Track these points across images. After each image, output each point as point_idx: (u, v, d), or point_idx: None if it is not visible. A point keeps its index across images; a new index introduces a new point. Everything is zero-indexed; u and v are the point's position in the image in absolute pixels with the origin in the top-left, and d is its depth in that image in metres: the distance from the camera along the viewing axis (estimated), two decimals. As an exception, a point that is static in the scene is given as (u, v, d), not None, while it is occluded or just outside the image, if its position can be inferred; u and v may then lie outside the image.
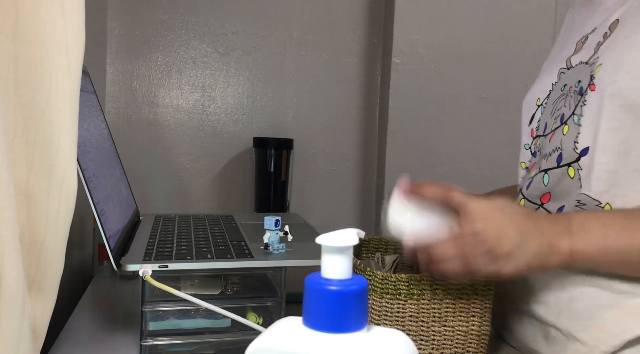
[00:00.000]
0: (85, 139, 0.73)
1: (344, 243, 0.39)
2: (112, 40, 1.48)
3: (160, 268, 0.68)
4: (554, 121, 0.74)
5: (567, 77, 0.75)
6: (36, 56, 0.45)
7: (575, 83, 0.72)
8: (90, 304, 0.95)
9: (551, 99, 0.77)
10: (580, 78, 0.71)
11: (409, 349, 0.40)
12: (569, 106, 0.71)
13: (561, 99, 0.74)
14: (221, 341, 0.74)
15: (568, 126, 0.70)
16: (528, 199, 0.76)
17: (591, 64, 0.70)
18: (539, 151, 0.76)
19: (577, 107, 0.69)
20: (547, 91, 0.79)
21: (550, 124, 0.74)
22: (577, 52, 0.75)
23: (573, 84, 0.72)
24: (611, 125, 0.65)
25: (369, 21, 1.62)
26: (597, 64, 0.68)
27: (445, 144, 1.55)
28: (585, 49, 0.74)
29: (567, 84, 0.74)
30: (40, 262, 0.48)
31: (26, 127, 0.46)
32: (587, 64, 0.71)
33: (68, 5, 0.47)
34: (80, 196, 0.56)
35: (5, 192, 0.39)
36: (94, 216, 0.67)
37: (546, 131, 0.75)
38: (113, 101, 1.49)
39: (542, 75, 0.82)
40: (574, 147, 0.68)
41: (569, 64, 0.76)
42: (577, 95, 0.70)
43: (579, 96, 0.70)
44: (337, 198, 1.63)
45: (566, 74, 0.76)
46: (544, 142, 0.75)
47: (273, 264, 0.74)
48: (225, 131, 1.56)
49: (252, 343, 0.40)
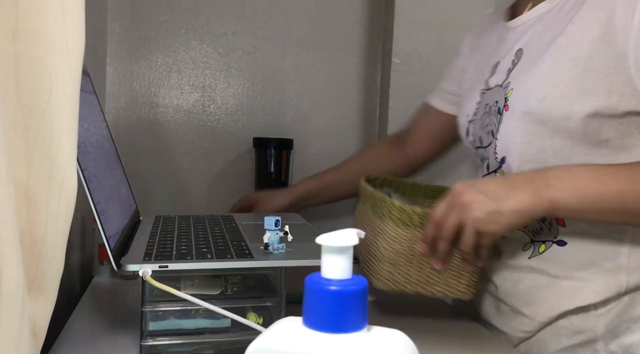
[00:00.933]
0: (85, 139, 0.73)
1: (344, 243, 0.39)
2: (112, 40, 1.48)
3: (160, 268, 0.68)
4: (487, 135, 0.88)
5: (487, 97, 0.90)
6: (36, 56, 0.45)
7: (494, 103, 0.87)
8: (90, 304, 0.95)
9: (478, 115, 0.91)
10: (497, 99, 0.86)
11: (409, 349, 0.40)
12: (493, 124, 0.86)
13: (486, 116, 0.89)
14: (221, 341, 0.74)
15: (495, 140, 0.85)
16: None
17: (504, 87, 0.85)
18: (486, 159, 0.90)
19: (498, 124, 0.84)
20: (473, 108, 0.93)
21: (485, 138, 0.89)
22: (492, 75, 0.90)
23: (492, 103, 0.87)
24: (527, 138, 0.78)
25: (369, 21, 1.62)
26: (509, 88, 0.83)
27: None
28: (499, 73, 0.88)
29: (488, 103, 0.89)
30: (40, 262, 0.48)
31: (26, 127, 0.46)
32: (502, 87, 0.86)
33: (68, 5, 0.47)
34: (80, 196, 0.56)
35: (5, 192, 0.39)
36: (94, 216, 0.67)
37: (483, 143, 0.90)
38: (113, 101, 1.49)
39: (468, 95, 0.96)
40: (495, 157, 0.85)
41: (487, 85, 0.91)
42: (497, 113, 0.85)
43: (498, 114, 0.85)
44: (337, 198, 1.63)
45: (486, 94, 0.90)
46: (485, 153, 0.89)
47: (273, 264, 0.74)
48: (225, 131, 1.56)
49: (252, 343, 0.40)
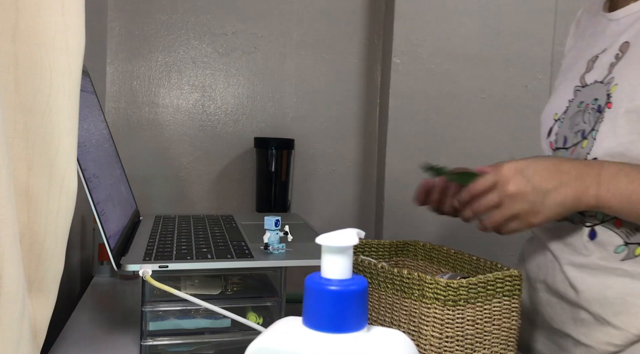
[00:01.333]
0: (85, 139, 0.73)
1: (344, 243, 0.39)
2: (112, 40, 1.48)
3: (160, 268, 0.68)
4: (574, 135, 0.82)
5: (583, 95, 0.82)
6: (36, 56, 0.45)
7: (592, 100, 0.80)
8: (90, 304, 0.95)
9: (568, 114, 0.84)
10: (596, 96, 0.79)
11: (409, 349, 0.40)
12: (589, 122, 0.79)
13: (579, 115, 0.82)
14: (221, 341, 0.74)
15: (587, 140, 0.78)
16: None
17: (606, 83, 0.77)
18: None
19: (596, 124, 0.77)
20: (564, 107, 0.86)
21: (571, 138, 0.82)
22: (589, 71, 0.83)
23: (590, 101, 0.80)
24: (629, 138, 0.72)
25: (369, 21, 1.62)
26: (613, 83, 0.76)
27: (445, 144, 1.55)
28: (598, 68, 0.81)
29: (584, 101, 0.81)
30: (40, 262, 0.48)
31: (26, 127, 0.46)
32: (602, 83, 0.78)
33: (68, 5, 0.47)
34: (80, 196, 0.56)
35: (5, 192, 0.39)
36: (94, 216, 0.67)
37: (567, 144, 0.83)
38: (113, 101, 1.49)
39: (557, 91, 0.90)
40: (586, 157, 0.77)
41: (583, 82, 0.83)
42: (595, 112, 0.78)
43: (598, 113, 0.77)
44: (337, 198, 1.63)
45: (582, 91, 0.83)
46: (565, 154, 0.83)
47: (273, 264, 0.74)
48: (225, 131, 1.56)
49: (252, 343, 0.40)
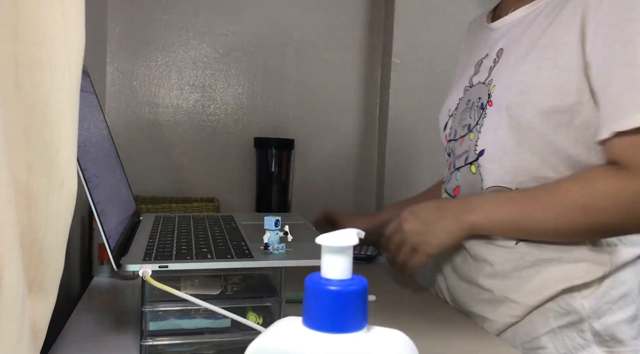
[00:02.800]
0: (85, 139, 0.73)
1: (344, 243, 0.39)
2: (112, 40, 1.48)
3: (160, 268, 0.68)
4: (462, 128, 0.95)
5: (470, 94, 0.96)
6: (36, 56, 0.45)
7: (476, 99, 0.93)
8: (90, 304, 0.95)
9: (459, 110, 0.99)
10: (480, 95, 0.92)
11: (409, 349, 0.40)
12: (474, 118, 0.92)
13: (466, 111, 0.96)
14: (221, 341, 0.74)
15: (473, 133, 0.92)
16: (447, 193, 1.00)
17: (487, 84, 0.91)
18: (452, 153, 0.98)
19: (480, 119, 0.90)
20: (455, 104, 1.01)
21: (460, 131, 0.96)
22: (476, 74, 0.97)
23: (475, 99, 0.94)
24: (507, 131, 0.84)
25: (369, 21, 1.62)
26: (492, 84, 0.89)
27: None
28: (482, 71, 0.95)
29: (471, 99, 0.95)
30: (40, 262, 0.48)
31: (26, 127, 0.46)
32: (484, 84, 0.92)
33: (68, 5, 0.47)
34: (80, 196, 0.56)
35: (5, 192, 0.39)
36: (94, 216, 0.67)
37: (456, 136, 0.97)
38: (113, 101, 1.49)
39: (452, 91, 1.04)
40: (475, 149, 0.90)
41: (471, 83, 0.97)
42: (479, 109, 0.92)
43: (481, 110, 0.91)
44: (337, 198, 1.63)
45: (469, 91, 0.97)
46: (455, 145, 0.97)
47: (273, 264, 0.74)
48: (225, 131, 1.56)
49: (252, 343, 0.40)
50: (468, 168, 0.92)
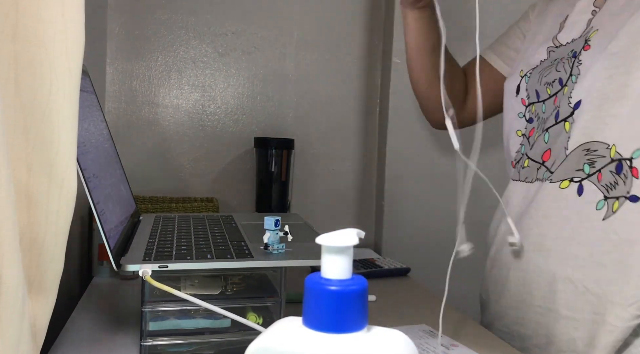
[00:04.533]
0: (85, 139, 0.73)
1: (344, 243, 0.39)
2: (112, 40, 1.48)
3: (160, 268, 0.68)
4: (547, 86, 0.80)
5: (558, 54, 0.81)
6: (36, 56, 0.45)
7: (567, 53, 0.79)
8: (90, 304, 0.95)
9: (537, 70, 0.84)
10: (573, 48, 0.78)
11: (409, 349, 0.40)
12: (565, 70, 0.77)
13: (549, 69, 0.81)
14: (221, 341, 0.74)
15: (567, 87, 0.76)
16: (532, 159, 0.83)
17: (584, 35, 0.77)
18: (536, 117, 0.83)
19: (574, 68, 0.76)
20: (533, 65, 0.85)
21: (543, 91, 0.81)
22: (562, 31, 0.83)
23: (566, 54, 0.79)
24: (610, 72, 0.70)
25: (369, 21, 1.62)
26: (593, 30, 0.75)
27: (446, 144, 1.55)
28: (571, 26, 0.81)
29: (558, 58, 0.81)
30: (40, 262, 0.48)
31: (26, 127, 0.46)
32: (581, 38, 0.78)
33: (68, 5, 0.47)
34: (80, 196, 0.56)
35: (5, 192, 0.39)
36: (94, 216, 0.67)
37: (540, 97, 0.82)
38: (113, 101, 1.49)
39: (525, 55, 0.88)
40: (568, 102, 0.75)
41: (557, 42, 0.83)
42: (570, 58, 0.77)
43: (573, 58, 0.77)
44: (337, 198, 1.63)
45: (556, 51, 0.82)
46: (541, 107, 0.81)
47: (273, 264, 0.74)
48: (225, 131, 1.56)
49: (252, 343, 0.40)
50: (561, 126, 0.76)
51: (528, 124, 0.85)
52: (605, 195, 0.71)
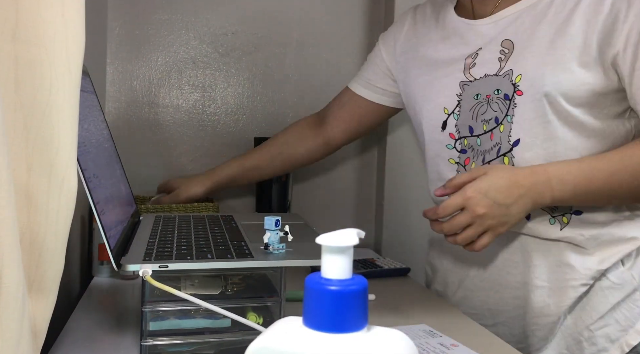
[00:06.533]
0: (85, 139, 0.73)
1: (344, 243, 0.39)
2: (112, 40, 1.48)
3: (160, 268, 0.68)
4: (484, 123, 0.94)
5: (476, 88, 0.95)
6: (36, 56, 0.45)
7: (493, 91, 0.92)
8: (90, 304, 0.95)
9: (464, 107, 0.96)
10: (498, 87, 0.92)
11: (409, 349, 0.40)
12: (501, 110, 0.92)
13: (481, 105, 0.94)
14: (221, 341, 0.74)
15: (503, 125, 0.91)
16: None
17: (504, 75, 0.91)
18: (470, 148, 0.96)
19: (510, 109, 0.90)
20: (454, 101, 0.97)
21: (479, 127, 0.94)
22: (471, 67, 0.95)
23: (491, 92, 0.93)
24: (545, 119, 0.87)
25: (369, 21, 1.62)
26: (515, 74, 0.89)
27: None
28: (483, 64, 0.94)
29: (481, 93, 0.94)
30: (40, 262, 0.48)
31: (26, 127, 0.46)
32: (499, 76, 0.92)
33: (68, 5, 0.47)
34: (80, 196, 0.56)
35: (5, 192, 0.39)
36: (94, 216, 0.67)
37: (474, 132, 0.95)
38: (113, 101, 1.49)
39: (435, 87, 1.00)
40: (508, 140, 0.91)
41: (471, 77, 0.95)
42: (504, 100, 0.91)
43: (507, 101, 0.91)
44: (337, 198, 1.63)
45: (471, 85, 0.95)
46: (475, 141, 0.95)
47: (273, 264, 0.74)
48: (225, 131, 1.56)
49: (252, 343, 0.40)
50: (500, 160, 0.92)
51: (461, 154, 0.98)
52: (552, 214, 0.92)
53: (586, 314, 0.93)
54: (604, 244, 0.92)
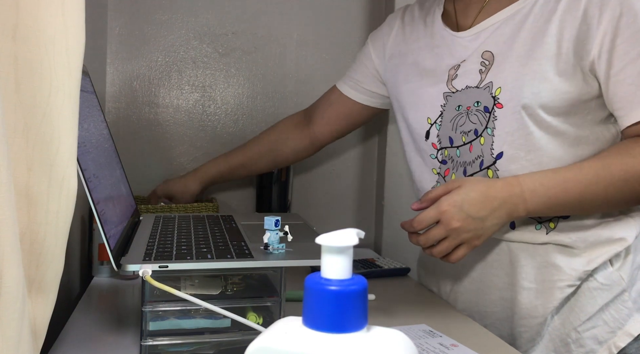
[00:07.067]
0: (85, 139, 0.73)
1: (344, 243, 0.39)
2: (112, 40, 1.48)
3: (160, 268, 0.68)
4: (463, 135, 0.94)
5: (458, 99, 0.95)
6: (36, 56, 0.45)
7: (473, 103, 0.93)
8: (90, 304, 0.95)
9: (446, 117, 0.97)
10: (478, 99, 0.92)
11: (409, 349, 0.40)
12: (480, 122, 0.92)
13: (460, 117, 0.95)
14: (221, 341, 0.74)
15: (483, 138, 0.91)
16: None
17: (485, 87, 0.91)
18: (450, 159, 0.97)
19: (489, 122, 0.90)
20: (437, 111, 0.98)
21: (458, 138, 0.95)
22: (454, 79, 0.96)
23: (471, 104, 0.93)
24: (526, 131, 0.87)
25: (369, 21, 1.62)
26: (495, 87, 0.89)
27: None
28: (464, 75, 0.94)
29: (462, 104, 0.94)
30: (40, 262, 0.48)
31: (26, 127, 0.46)
32: (479, 88, 0.92)
33: (68, 5, 0.47)
34: (80, 196, 0.56)
35: (5, 192, 0.39)
36: (94, 216, 0.67)
37: (454, 143, 0.96)
38: (113, 101, 1.49)
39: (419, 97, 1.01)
40: (491, 153, 0.90)
41: (453, 88, 0.96)
42: (484, 113, 0.91)
43: (487, 113, 0.91)
44: (337, 198, 1.63)
45: (453, 96, 0.96)
46: (455, 152, 0.96)
47: (273, 264, 0.74)
48: (225, 131, 1.56)
49: (252, 343, 0.40)
50: (484, 173, 0.92)
51: (442, 165, 0.99)
52: (538, 220, 0.92)
53: (574, 315, 0.92)
54: (592, 245, 0.91)
